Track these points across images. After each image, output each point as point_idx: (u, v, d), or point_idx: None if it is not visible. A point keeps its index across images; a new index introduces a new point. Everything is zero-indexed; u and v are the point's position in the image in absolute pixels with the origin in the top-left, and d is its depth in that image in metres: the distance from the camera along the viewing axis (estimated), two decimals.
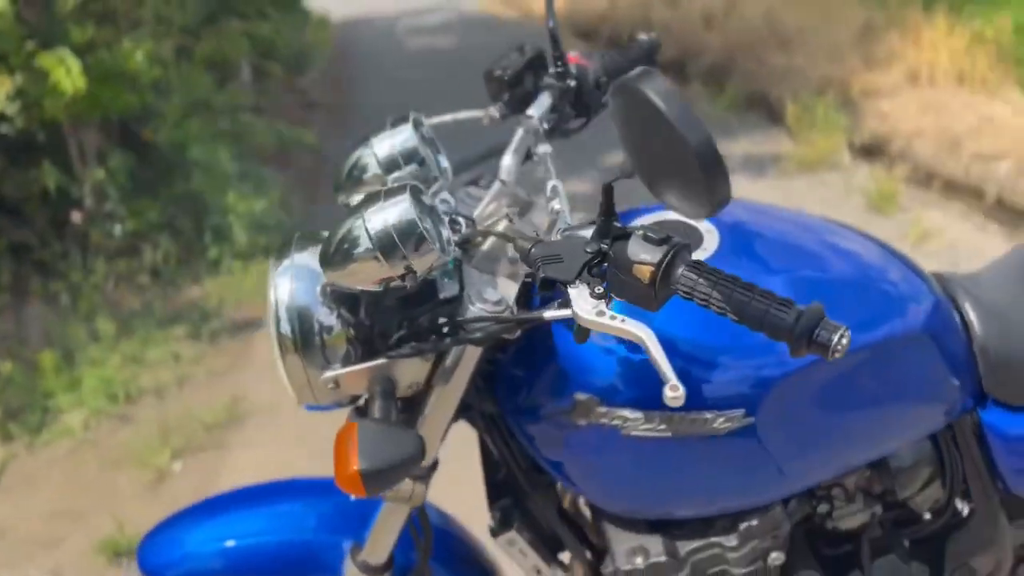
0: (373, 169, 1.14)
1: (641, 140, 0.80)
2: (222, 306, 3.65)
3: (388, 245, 0.94)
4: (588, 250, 0.90)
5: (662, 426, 1.05)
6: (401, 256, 0.94)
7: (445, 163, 1.18)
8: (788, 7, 7.45)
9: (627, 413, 1.06)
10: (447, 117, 1.23)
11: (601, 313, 0.86)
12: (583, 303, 0.87)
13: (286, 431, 2.82)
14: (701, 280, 0.83)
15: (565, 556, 1.33)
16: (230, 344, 3.41)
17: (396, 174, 1.12)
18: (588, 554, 1.29)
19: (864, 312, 1.11)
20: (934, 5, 6.36)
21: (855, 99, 5.63)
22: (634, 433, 1.06)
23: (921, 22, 6.21)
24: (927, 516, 1.32)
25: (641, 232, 0.86)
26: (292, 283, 1.05)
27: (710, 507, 1.15)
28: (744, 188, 4.52)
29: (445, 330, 1.02)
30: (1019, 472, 1.26)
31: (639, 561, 1.17)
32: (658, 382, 1.04)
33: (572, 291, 0.88)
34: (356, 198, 1.16)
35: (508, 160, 1.18)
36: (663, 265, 0.84)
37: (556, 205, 1.03)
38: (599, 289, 0.87)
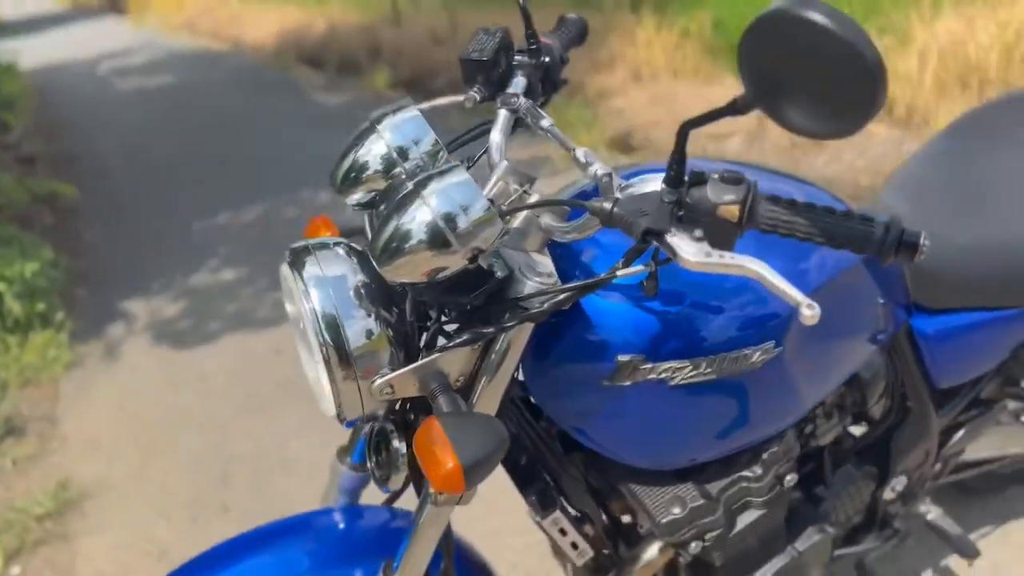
0: (375, 165, 1.09)
1: (782, 68, 0.82)
2: (6, 388, 3.20)
3: (458, 225, 0.92)
4: (667, 200, 0.93)
5: (708, 370, 1.11)
6: (470, 235, 0.92)
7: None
8: (511, 21, 7.88)
9: (674, 364, 1.10)
10: (425, 105, 1.21)
11: (709, 254, 0.90)
12: (689, 248, 0.90)
13: (134, 506, 2.55)
14: (781, 211, 0.90)
15: None
16: (32, 426, 3.00)
17: (405, 165, 1.08)
18: (605, 519, 1.33)
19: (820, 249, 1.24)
20: (641, 8, 7.03)
21: (592, 99, 6.11)
22: (682, 382, 1.11)
23: (633, 24, 6.84)
24: (872, 424, 1.50)
25: (717, 175, 0.91)
26: (325, 291, 0.99)
27: (740, 442, 1.23)
28: None
29: (500, 311, 1.01)
30: (943, 367, 1.47)
31: (677, 511, 1.23)
32: (698, 328, 1.11)
33: (673, 240, 0.91)
34: (357, 196, 1.11)
35: (499, 139, 1.18)
36: (747, 202, 0.89)
37: (599, 170, 1.05)
38: (698, 233, 0.91)
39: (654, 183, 0.97)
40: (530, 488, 1.25)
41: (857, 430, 1.55)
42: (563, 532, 1.26)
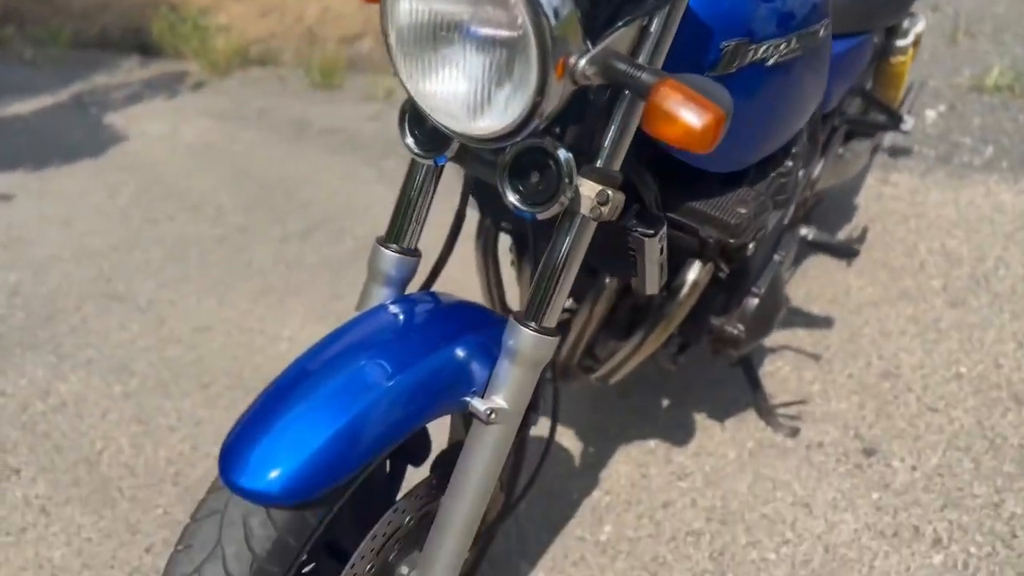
0: None
1: None
2: None
3: None
4: None
5: (796, 45, 1.19)
6: None
7: None
8: None
9: (772, 42, 1.15)
10: None
11: None
12: None
13: None
14: None
15: None
16: None
17: None
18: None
19: None
20: None
21: (194, 16, 5.65)
22: (778, 60, 1.17)
23: None
24: None
25: None
26: None
27: (795, 127, 1.33)
28: (158, 107, 4.28)
29: None
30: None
31: (743, 210, 1.29)
32: (784, 7, 1.17)
33: None
34: None
35: None
36: None
37: None
38: None
39: None
40: (628, 212, 1.21)
41: None
42: (662, 251, 1.25)
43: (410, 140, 1.10)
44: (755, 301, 1.49)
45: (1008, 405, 1.85)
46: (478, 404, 1.09)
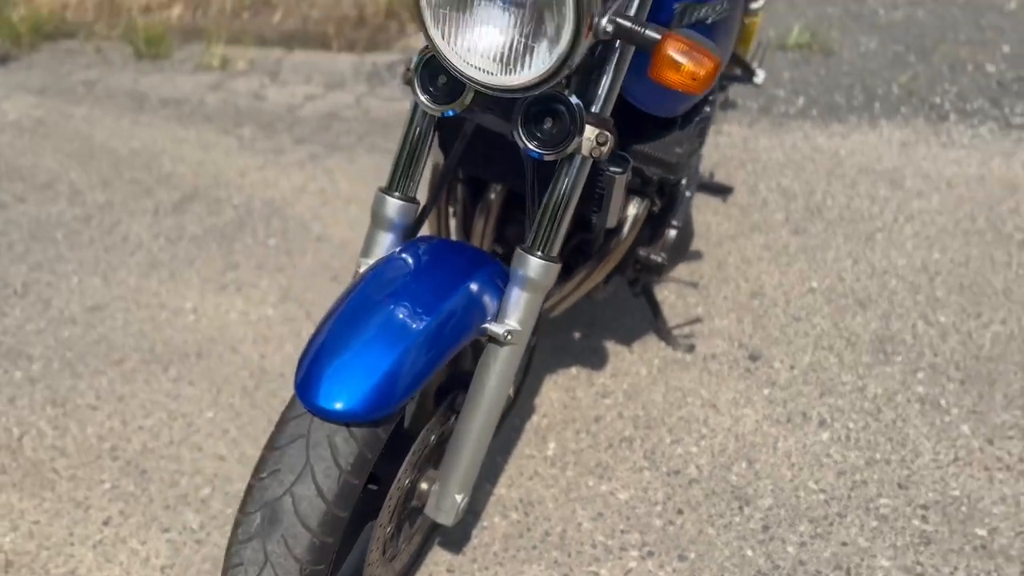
0: None
1: None
2: None
3: None
4: None
5: (725, 7, 1.41)
6: None
7: None
8: None
9: (711, 5, 1.37)
10: None
11: None
12: None
13: None
14: None
15: None
16: None
17: None
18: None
19: None
20: None
21: None
22: (713, 19, 1.39)
23: None
24: None
25: None
26: None
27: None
28: None
29: None
30: None
31: (679, 149, 1.52)
32: None
33: None
34: None
35: None
36: None
37: None
38: None
39: None
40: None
41: None
42: (626, 187, 1.44)
43: (425, 96, 1.22)
44: (674, 232, 1.73)
45: (855, 309, 2.23)
46: (496, 328, 1.25)
